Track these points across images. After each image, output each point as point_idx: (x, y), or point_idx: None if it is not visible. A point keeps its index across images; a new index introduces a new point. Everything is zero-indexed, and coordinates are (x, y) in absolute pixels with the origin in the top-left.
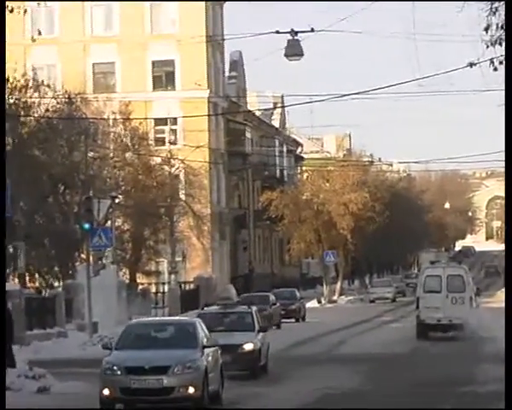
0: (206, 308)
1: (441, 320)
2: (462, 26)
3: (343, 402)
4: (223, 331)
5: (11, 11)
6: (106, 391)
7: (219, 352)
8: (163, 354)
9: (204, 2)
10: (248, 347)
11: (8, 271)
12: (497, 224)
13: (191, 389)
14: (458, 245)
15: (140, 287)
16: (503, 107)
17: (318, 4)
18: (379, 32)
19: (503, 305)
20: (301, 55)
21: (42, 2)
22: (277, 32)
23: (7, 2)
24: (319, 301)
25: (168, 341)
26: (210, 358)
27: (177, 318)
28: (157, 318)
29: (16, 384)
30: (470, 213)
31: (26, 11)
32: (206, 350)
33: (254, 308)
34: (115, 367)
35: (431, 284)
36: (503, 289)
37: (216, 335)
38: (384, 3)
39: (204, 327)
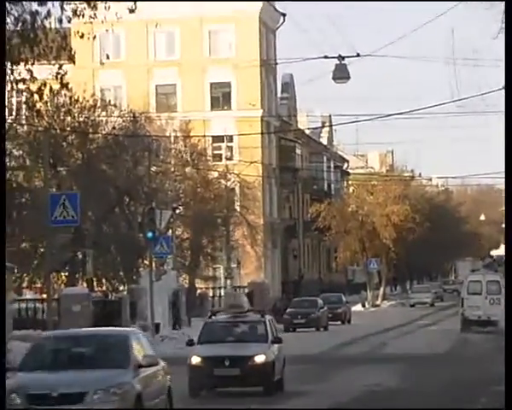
0: (213, 317)
1: (481, 317)
2: (498, 51)
3: (384, 399)
4: (231, 342)
5: (81, 37)
6: None
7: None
8: (79, 377)
9: (258, 29)
10: (260, 359)
11: (77, 275)
12: None
13: None
14: (493, 253)
15: (198, 291)
16: None
17: (364, 30)
18: (420, 57)
19: None
20: (348, 78)
21: (110, 29)
22: (326, 57)
23: (77, 28)
24: (363, 306)
25: (89, 359)
26: (148, 380)
27: (104, 328)
28: (78, 329)
29: None
30: (504, 225)
31: (95, 37)
32: (143, 371)
33: (268, 317)
34: (14, 395)
35: (473, 288)
36: None
37: (224, 346)
38: (425, 30)
39: (144, 340)
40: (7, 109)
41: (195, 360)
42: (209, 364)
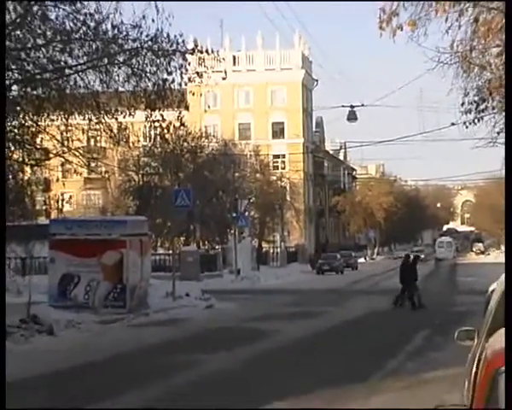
0: None
1: (443, 258)
2: (450, 102)
3: (381, 316)
4: None
5: (193, 94)
6: None
7: None
8: None
9: (301, 89)
10: None
11: (190, 239)
12: (467, 215)
13: None
14: (445, 227)
15: (263, 249)
16: (475, 148)
17: (368, 86)
18: (401, 105)
19: (470, 261)
20: (356, 119)
21: (210, 89)
22: (343, 106)
23: (191, 89)
24: (365, 259)
25: None
26: None
27: None
28: None
29: (194, 303)
30: (452, 209)
31: (201, 94)
32: None
33: None
34: None
35: (440, 244)
36: (471, 252)
37: None
38: (405, 89)
39: None
40: (148, 139)
41: None
42: None
